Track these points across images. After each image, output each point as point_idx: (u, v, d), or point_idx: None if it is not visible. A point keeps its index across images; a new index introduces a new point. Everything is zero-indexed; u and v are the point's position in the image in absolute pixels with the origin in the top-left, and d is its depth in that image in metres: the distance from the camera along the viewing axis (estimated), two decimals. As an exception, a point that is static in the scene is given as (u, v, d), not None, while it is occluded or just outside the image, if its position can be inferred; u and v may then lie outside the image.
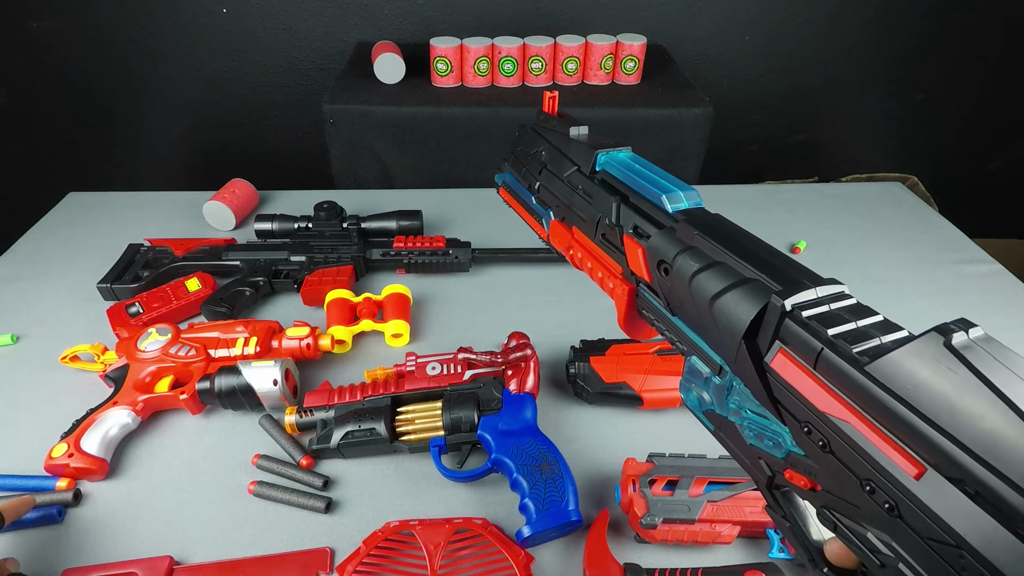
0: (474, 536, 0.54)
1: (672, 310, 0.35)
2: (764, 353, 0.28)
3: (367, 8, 1.57)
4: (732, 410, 0.31)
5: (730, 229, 0.34)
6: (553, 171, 0.47)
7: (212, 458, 0.64)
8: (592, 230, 0.42)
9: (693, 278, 0.31)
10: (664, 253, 0.34)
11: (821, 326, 0.25)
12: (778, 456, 0.29)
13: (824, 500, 0.27)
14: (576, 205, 0.44)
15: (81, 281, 0.87)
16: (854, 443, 0.24)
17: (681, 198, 0.37)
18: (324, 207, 0.90)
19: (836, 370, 0.24)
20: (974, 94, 1.77)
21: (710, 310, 0.30)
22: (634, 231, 0.38)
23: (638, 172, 0.39)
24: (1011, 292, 0.91)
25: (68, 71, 1.63)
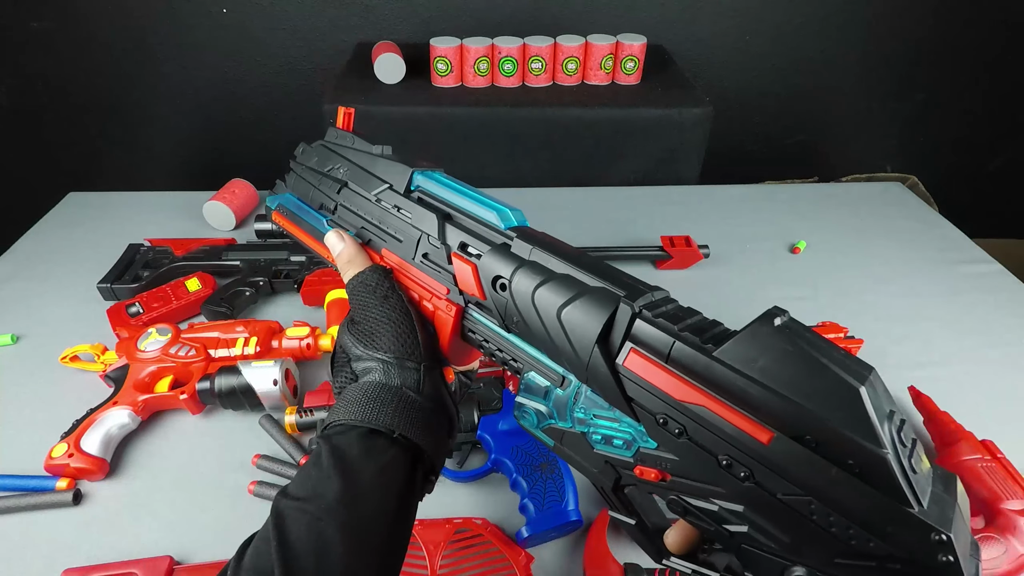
0: (474, 536, 0.54)
1: (507, 327, 0.35)
2: (615, 355, 0.29)
3: (367, 8, 1.57)
4: (578, 419, 0.32)
5: (563, 245, 0.35)
6: (357, 190, 0.44)
7: (212, 458, 0.64)
8: (410, 251, 0.40)
9: (536, 291, 0.32)
10: (500, 269, 0.34)
11: (668, 325, 0.28)
12: (627, 455, 0.30)
13: (674, 487, 0.29)
14: (388, 225, 0.42)
15: (81, 281, 0.87)
16: (710, 424, 0.26)
17: (510, 216, 0.37)
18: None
19: (688, 360, 0.27)
20: (974, 94, 1.77)
21: (558, 320, 0.31)
22: (461, 249, 0.38)
23: (459, 191, 0.39)
24: (1011, 292, 0.91)
25: (68, 71, 1.63)
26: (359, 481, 0.34)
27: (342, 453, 0.34)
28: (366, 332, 0.39)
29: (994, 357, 0.79)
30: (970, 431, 0.62)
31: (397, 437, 0.36)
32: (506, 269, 0.34)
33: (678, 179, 1.32)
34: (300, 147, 0.50)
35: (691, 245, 0.91)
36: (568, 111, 1.28)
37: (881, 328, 0.81)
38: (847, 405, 0.23)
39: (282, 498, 0.33)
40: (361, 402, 0.36)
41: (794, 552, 0.25)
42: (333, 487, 0.33)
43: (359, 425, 0.36)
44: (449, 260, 0.38)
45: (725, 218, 1.06)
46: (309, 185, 0.48)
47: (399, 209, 0.42)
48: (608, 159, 1.32)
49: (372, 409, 0.36)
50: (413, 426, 0.37)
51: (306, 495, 0.33)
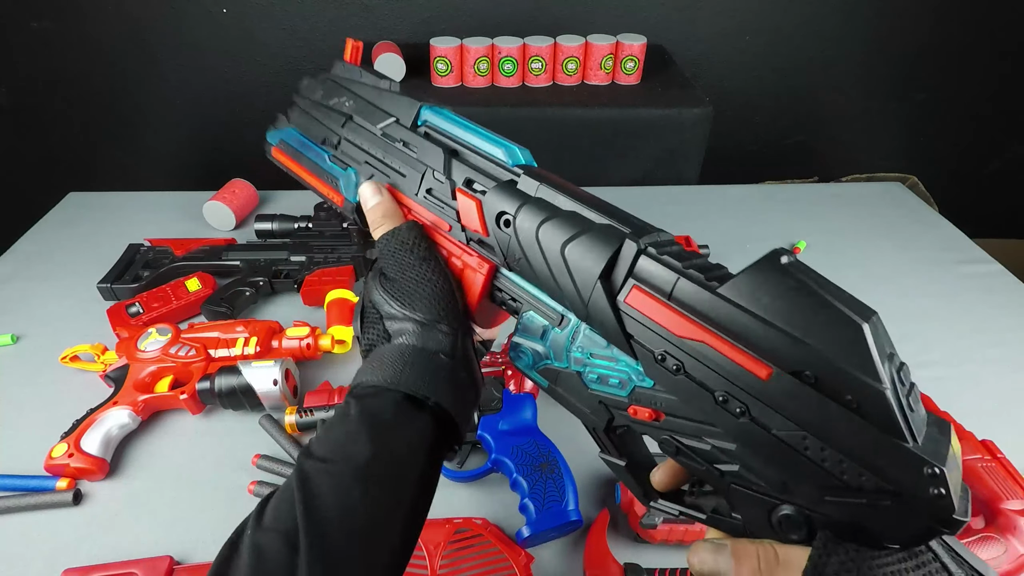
0: (474, 536, 0.54)
1: (509, 265, 0.35)
2: (617, 292, 0.30)
3: (367, 8, 1.57)
4: (576, 358, 0.32)
5: (569, 184, 0.34)
6: (362, 123, 0.43)
7: (212, 458, 0.64)
8: (414, 186, 0.40)
9: (540, 226, 0.32)
10: (505, 205, 0.34)
11: (671, 263, 0.28)
12: (622, 395, 0.31)
13: (668, 427, 0.29)
14: (393, 160, 0.41)
15: (81, 281, 0.87)
16: (709, 360, 0.27)
17: (517, 153, 0.36)
18: (324, 207, 0.90)
19: (692, 296, 0.27)
20: (975, 94, 1.77)
21: (561, 256, 0.31)
22: (466, 185, 0.37)
23: (467, 126, 0.39)
24: (1011, 292, 0.91)
25: (68, 71, 1.63)
26: (390, 446, 0.33)
27: (374, 416, 0.34)
28: (403, 291, 0.38)
29: (994, 357, 0.79)
30: (970, 431, 0.62)
31: (432, 404, 0.35)
32: (511, 205, 0.34)
33: (678, 179, 1.32)
34: (304, 80, 0.49)
35: (691, 245, 0.91)
36: (568, 111, 1.28)
37: (881, 328, 0.81)
38: (849, 341, 0.23)
39: (306, 459, 0.33)
40: (396, 365, 0.36)
41: (783, 491, 0.26)
42: (363, 450, 0.32)
43: (392, 389, 0.35)
44: (453, 196, 0.37)
45: (725, 218, 1.06)
46: (312, 119, 0.47)
47: (405, 144, 0.41)
48: (608, 159, 1.32)
49: (408, 373, 0.35)
50: (447, 394, 0.36)
51: (334, 456, 0.32)
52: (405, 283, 0.38)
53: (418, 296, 0.38)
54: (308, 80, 0.49)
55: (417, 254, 0.39)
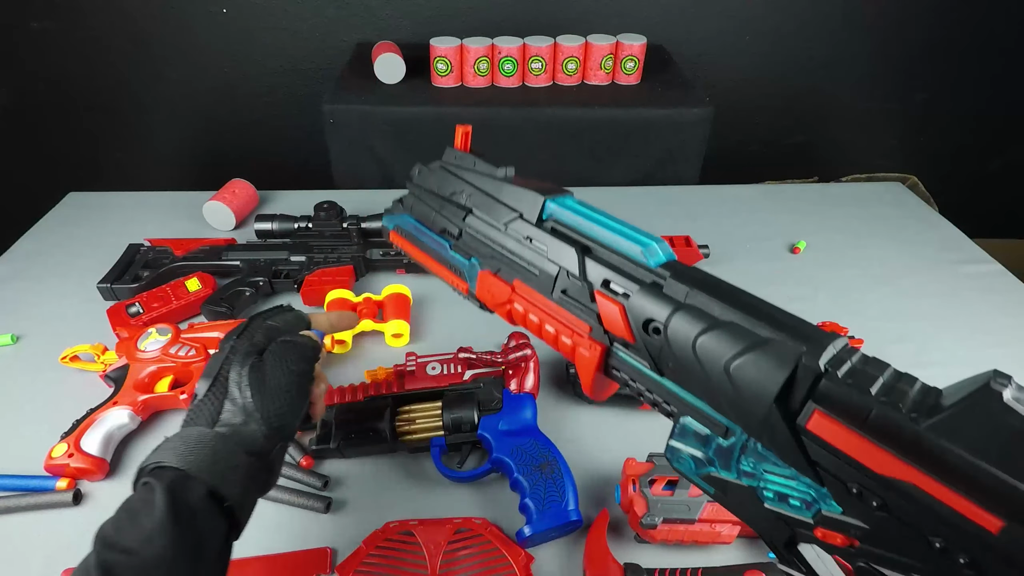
0: (474, 536, 0.54)
1: (660, 371, 0.32)
2: (796, 415, 0.26)
3: (367, 8, 1.57)
4: (745, 472, 0.29)
5: (721, 284, 0.31)
6: (483, 217, 0.42)
7: (212, 458, 0.64)
8: (547, 285, 0.37)
9: (697, 340, 0.29)
10: (653, 312, 0.31)
11: (862, 384, 0.24)
12: (806, 516, 0.27)
13: (866, 555, 0.26)
14: (521, 256, 0.39)
15: (81, 281, 0.87)
16: (920, 503, 0.23)
17: (657, 250, 0.33)
18: (324, 207, 0.90)
19: (892, 431, 0.23)
20: (975, 94, 1.77)
21: (725, 373, 0.27)
22: (604, 286, 0.34)
23: (596, 219, 0.36)
24: (1011, 292, 0.91)
25: (68, 71, 1.63)
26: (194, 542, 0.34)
27: (180, 510, 0.34)
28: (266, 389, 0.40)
29: (994, 357, 0.79)
30: (970, 431, 0.62)
31: (233, 507, 0.37)
32: (660, 312, 0.30)
33: (678, 179, 1.32)
34: (416, 168, 0.49)
35: (691, 245, 0.91)
36: (568, 111, 1.28)
37: (881, 328, 0.81)
38: None
39: (107, 549, 0.33)
40: (215, 459, 0.37)
41: None
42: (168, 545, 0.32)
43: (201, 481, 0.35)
44: (592, 298, 0.35)
45: (725, 218, 1.06)
46: (429, 208, 0.46)
47: (531, 240, 0.38)
48: (608, 159, 1.32)
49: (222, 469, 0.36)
50: (248, 499, 0.38)
51: (138, 549, 0.32)
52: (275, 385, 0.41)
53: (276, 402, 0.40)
54: (420, 167, 0.49)
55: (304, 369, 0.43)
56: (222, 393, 0.40)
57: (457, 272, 0.44)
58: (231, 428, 0.39)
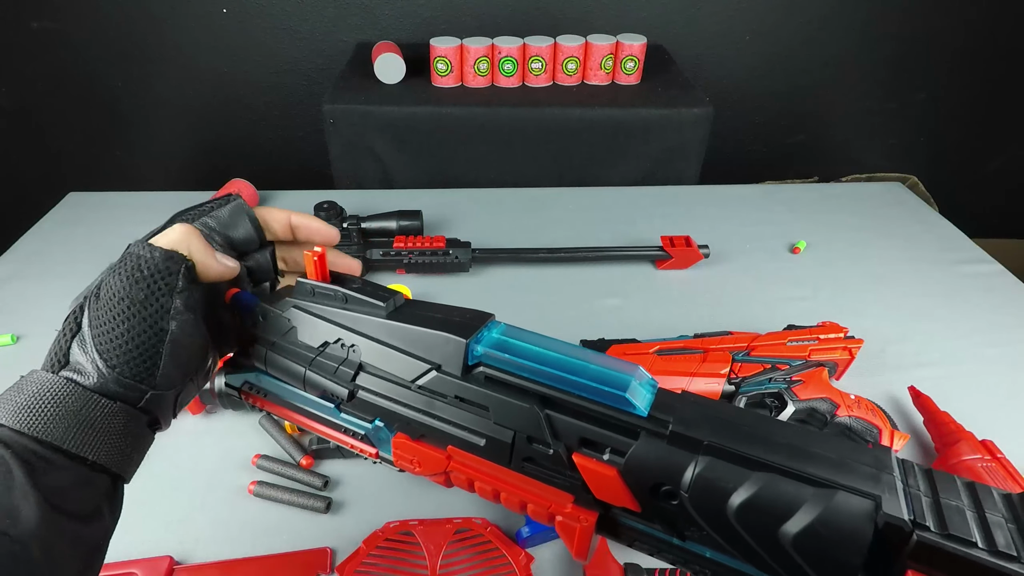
0: (474, 536, 0.54)
1: (681, 537, 0.26)
2: None
3: (367, 8, 1.58)
4: None
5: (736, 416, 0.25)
6: (382, 375, 0.32)
7: (212, 458, 0.64)
8: (502, 455, 0.29)
9: (730, 504, 0.23)
10: (665, 476, 0.25)
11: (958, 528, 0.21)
12: None
13: None
14: (452, 420, 0.30)
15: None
16: None
17: (639, 389, 0.26)
18: (324, 207, 0.90)
19: None
20: (974, 94, 1.77)
21: (779, 543, 0.23)
22: (585, 445, 0.27)
23: (547, 356, 0.28)
24: (1011, 292, 0.91)
25: (68, 71, 1.63)
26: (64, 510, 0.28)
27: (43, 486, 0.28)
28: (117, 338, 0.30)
29: (994, 357, 0.79)
30: (970, 431, 0.62)
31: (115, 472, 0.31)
32: (674, 476, 0.24)
33: (678, 179, 1.32)
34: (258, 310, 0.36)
35: (691, 245, 0.91)
36: (568, 111, 1.28)
37: (881, 328, 0.81)
38: None
39: None
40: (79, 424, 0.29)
41: None
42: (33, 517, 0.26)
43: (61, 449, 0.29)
44: (570, 463, 0.27)
45: (725, 218, 1.06)
46: (293, 364, 0.34)
47: (461, 400, 0.30)
48: (608, 159, 1.32)
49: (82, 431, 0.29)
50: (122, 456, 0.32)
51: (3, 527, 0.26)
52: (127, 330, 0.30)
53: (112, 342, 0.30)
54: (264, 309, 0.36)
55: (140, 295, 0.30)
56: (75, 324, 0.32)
57: (357, 436, 0.34)
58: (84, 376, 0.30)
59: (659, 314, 0.84)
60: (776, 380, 0.66)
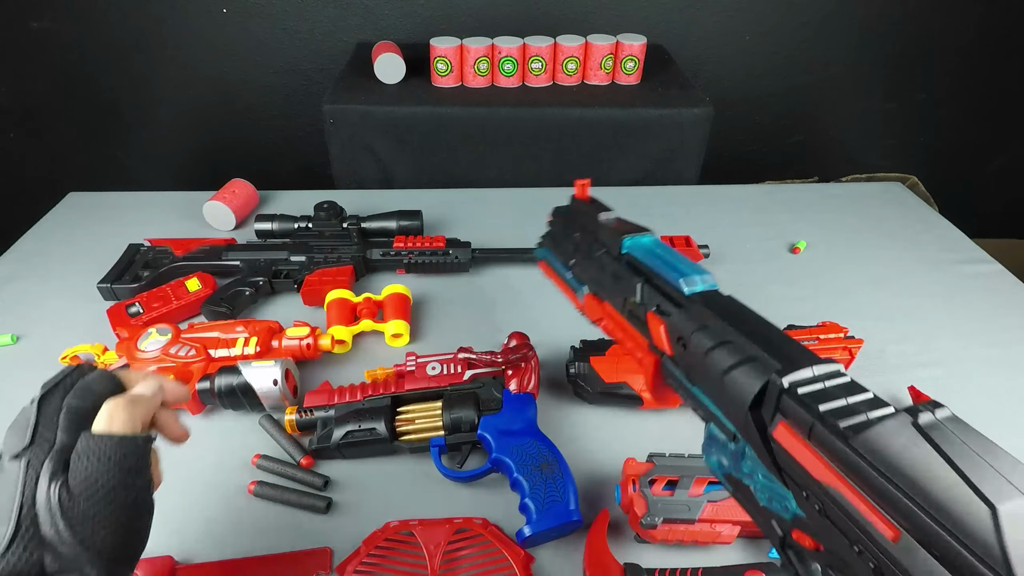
0: (474, 536, 0.54)
1: (691, 380, 0.38)
2: (768, 424, 0.30)
3: (367, 8, 1.58)
4: (745, 474, 0.34)
5: (740, 311, 0.37)
6: (586, 251, 0.51)
7: (212, 458, 0.64)
8: (620, 306, 0.46)
9: (707, 354, 0.34)
10: (682, 330, 0.37)
11: (814, 402, 0.28)
12: (786, 518, 0.31)
13: (826, 560, 0.29)
14: (606, 283, 0.48)
15: (81, 281, 0.87)
16: (844, 508, 0.26)
17: (697, 282, 0.40)
18: (324, 207, 0.90)
19: (826, 442, 0.27)
20: (974, 94, 1.77)
21: (722, 383, 0.33)
22: (657, 309, 0.41)
23: (659, 256, 0.43)
24: (1011, 292, 0.91)
25: (68, 71, 1.63)
26: None
27: None
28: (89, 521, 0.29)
29: (994, 357, 0.79)
30: (970, 431, 0.62)
31: None
32: (686, 330, 0.37)
33: (678, 179, 1.32)
34: (553, 211, 0.60)
35: (691, 245, 0.91)
36: (568, 111, 1.28)
37: (881, 328, 0.81)
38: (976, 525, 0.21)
39: None
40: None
41: None
42: None
43: None
44: (646, 318, 0.42)
45: (725, 218, 1.06)
46: (557, 243, 0.57)
47: (612, 271, 0.47)
48: (608, 159, 1.32)
49: None
50: None
51: None
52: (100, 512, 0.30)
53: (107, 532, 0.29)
54: (554, 211, 0.60)
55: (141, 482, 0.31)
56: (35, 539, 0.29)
57: (575, 293, 0.53)
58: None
59: (659, 314, 0.84)
60: (776, 380, 0.66)
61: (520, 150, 1.31)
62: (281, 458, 0.63)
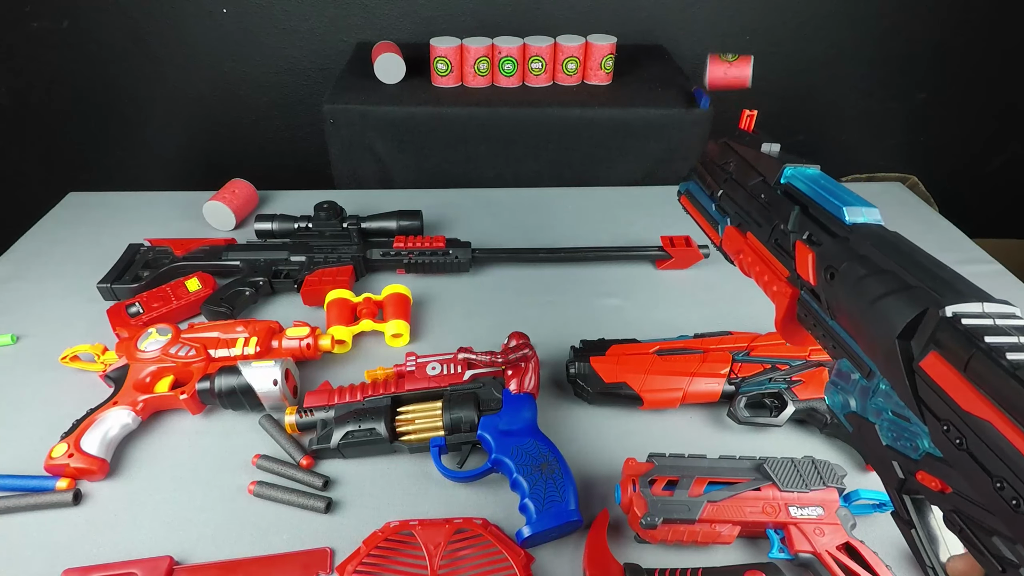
0: (474, 536, 0.54)
1: (832, 314, 0.36)
2: (918, 355, 0.29)
3: (367, 8, 1.58)
4: (874, 411, 0.33)
5: (904, 244, 0.35)
6: (738, 180, 0.49)
7: (212, 458, 0.64)
8: (766, 235, 0.44)
9: (859, 281, 0.33)
10: (834, 259, 0.36)
11: (978, 334, 0.27)
12: (913, 457, 0.31)
13: (953, 503, 0.28)
14: (754, 212, 0.46)
15: (81, 281, 0.87)
16: (993, 441, 0.25)
17: (861, 212, 0.38)
18: (324, 207, 0.90)
19: (987, 373, 0.26)
20: (974, 94, 1.77)
21: (870, 310, 0.32)
22: (807, 238, 0.40)
23: (823, 187, 0.41)
24: (1011, 292, 0.91)
25: (68, 71, 1.63)
26: None
27: None
28: None
29: (994, 357, 0.79)
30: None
31: None
32: (838, 260, 0.35)
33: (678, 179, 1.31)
34: (709, 143, 0.57)
35: (691, 245, 0.91)
36: (568, 111, 1.28)
37: (881, 328, 0.81)
38: None
39: None
40: None
41: None
42: None
43: None
44: (794, 246, 0.40)
45: (725, 218, 1.06)
46: (706, 174, 0.55)
47: (765, 198, 0.45)
48: (608, 159, 1.32)
49: None
50: None
51: None
52: None
53: None
54: (709, 142, 0.57)
55: None
56: None
57: (714, 225, 0.52)
58: None
59: (659, 314, 0.84)
60: (776, 380, 0.66)
61: (520, 150, 1.31)
62: (281, 458, 0.63)
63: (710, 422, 0.68)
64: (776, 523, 0.53)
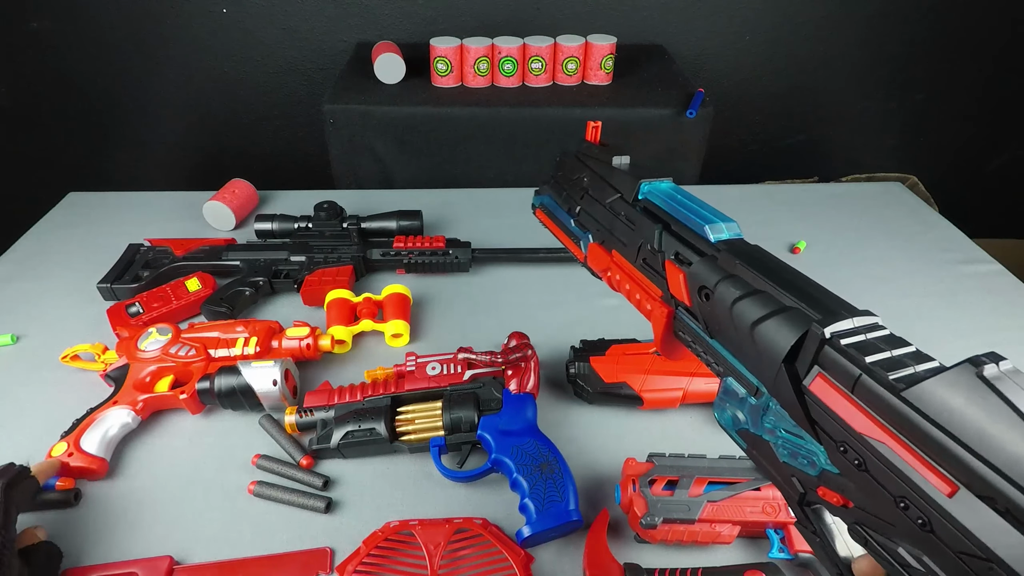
0: (474, 536, 0.54)
1: (711, 333, 0.36)
2: (803, 377, 0.29)
3: (367, 8, 1.57)
4: (767, 429, 0.33)
5: (770, 260, 0.35)
6: (595, 197, 0.48)
7: (212, 458, 0.64)
8: (633, 254, 0.43)
9: (734, 304, 0.33)
10: (706, 280, 0.35)
11: (859, 353, 0.27)
12: (811, 474, 0.30)
13: (856, 516, 0.28)
14: (617, 230, 0.45)
15: (81, 281, 0.87)
16: (889, 463, 0.25)
17: (723, 229, 0.38)
18: (324, 207, 0.90)
19: (874, 395, 0.26)
20: (974, 94, 1.77)
21: (751, 335, 0.31)
22: (675, 257, 0.39)
23: (680, 202, 0.41)
24: (1011, 292, 0.91)
25: (68, 71, 1.63)
26: None
27: None
28: None
29: (994, 357, 0.79)
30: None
31: None
32: (710, 280, 0.35)
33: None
34: (559, 156, 0.56)
35: (691, 245, 0.91)
36: (568, 111, 1.28)
37: (881, 328, 0.81)
38: None
39: None
40: None
41: None
42: None
43: None
44: (663, 266, 0.40)
45: (725, 218, 1.06)
46: (561, 188, 0.54)
47: (626, 217, 0.44)
48: (608, 159, 1.32)
49: None
50: None
51: None
52: None
53: None
54: (561, 156, 0.56)
55: None
56: None
57: (576, 242, 0.52)
58: None
59: (659, 314, 0.84)
60: (776, 380, 0.66)
61: (520, 150, 1.31)
62: (281, 458, 0.63)
63: (710, 422, 0.68)
64: (776, 523, 0.53)
